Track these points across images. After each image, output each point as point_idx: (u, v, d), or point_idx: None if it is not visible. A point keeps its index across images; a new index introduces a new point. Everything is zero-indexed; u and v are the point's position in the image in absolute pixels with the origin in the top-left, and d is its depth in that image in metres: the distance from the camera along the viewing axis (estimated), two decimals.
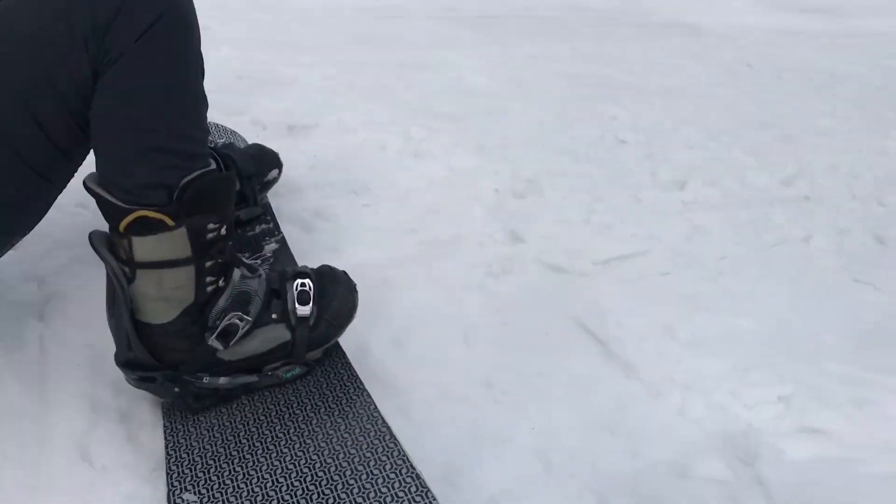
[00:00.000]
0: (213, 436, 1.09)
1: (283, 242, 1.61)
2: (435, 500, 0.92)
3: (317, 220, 1.81)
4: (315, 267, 1.25)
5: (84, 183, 1.04)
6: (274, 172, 1.79)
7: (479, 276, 1.64)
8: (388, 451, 1.02)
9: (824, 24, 6.16)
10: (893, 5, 7.67)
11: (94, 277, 1.42)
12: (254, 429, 1.10)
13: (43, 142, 1.01)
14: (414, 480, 0.96)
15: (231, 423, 1.11)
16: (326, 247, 1.69)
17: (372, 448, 1.03)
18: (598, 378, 1.36)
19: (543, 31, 4.66)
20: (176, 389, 1.10)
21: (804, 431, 1.21)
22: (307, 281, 1.18)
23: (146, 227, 1.02)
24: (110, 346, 1.11)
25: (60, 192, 1.13)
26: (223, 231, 1.08)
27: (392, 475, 0.97)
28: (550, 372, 1.35)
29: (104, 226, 1.07)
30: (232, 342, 1.10)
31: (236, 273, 1.12)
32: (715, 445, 1.18)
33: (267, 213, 1.72)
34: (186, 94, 1.04)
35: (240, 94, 2.61)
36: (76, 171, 1.13)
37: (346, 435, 1.06)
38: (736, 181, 2.24)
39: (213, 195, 1.06)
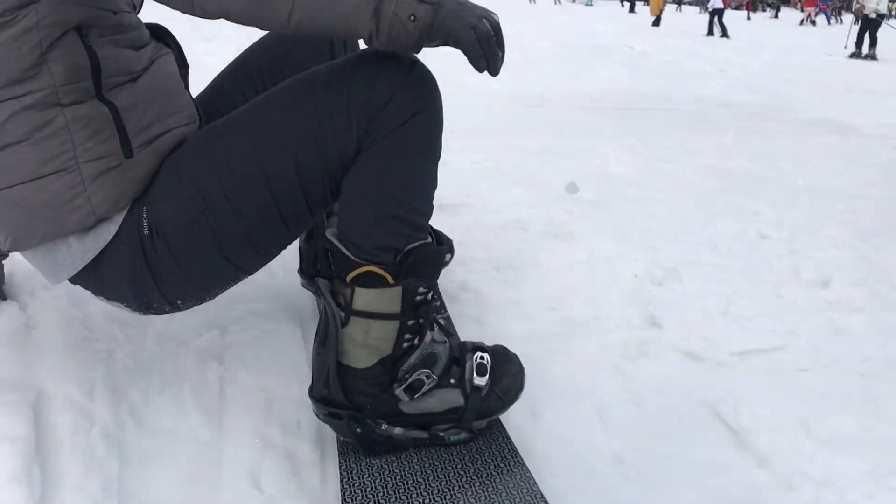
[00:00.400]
0: (384, 479, 1.21)
1: (448, 320, 1.73)
2: None
3: (462, 292, 1.93)
4: (490, 345, 1.37)
5: (324, 234, 1.22)
6: (448, 256, 1.94)
7: (614, 357, 1.69)
8: None
9: None
10: None
11: (269, 330, 1.59)
12: (421, 480, 1.21)
13: (300, 196, 1.19)
14: None
15: (400, 471, 1.23)
16: (470, 318, 1.80)
17: None
18: (730, 466, 1.37)
19: (687, 124, 4.71)
20: (358, 430, 1.23)
21: None
22: (485, 355, 1.31)
23: (369, 281, 1.18)
24: (281, 391, 1.24)
25: (291, 242, 1.30)
26: (429, 296, 1.23)
27: None
28: (683, 455, 1.38)
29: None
30: (416, 396, 1.24)
31: (428, 335, 1.25)
32: None
33: (437, 292, 1.85)
34: (427, 175, 1.22)
35: None
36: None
37: (504, 501, 1.16)
38: (884, 283, 2.20)
39: (428, 264, 1.22)
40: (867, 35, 14.49)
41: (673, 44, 12.28)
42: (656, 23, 20.12)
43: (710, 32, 18.37)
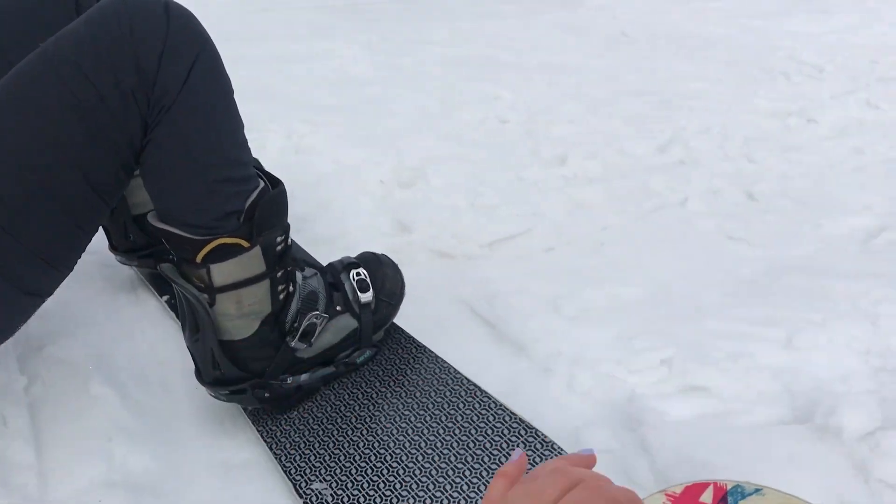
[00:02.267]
0: (311, 428, 1.18)
1: None
2: (524, 422, 1.11)
3: None
4: (355, 256, 1.33)
5: (151, 222, 1.09)
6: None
7: None
8: (469, 391, 1.19)
9: None
10: None
11: None
12: (347, 413, 1.20)
13: (89, 194, 1.01)
14: (503, 410, 1.14)
15: (324, 413, 1.21)
16: None
17: (454, 392, 1.19)
18: (491, 361, 1.38)
19: (422, 13, 4.66)
20: (266, 395, 1.17)
21: (685, 391, 1.26)
22: (361, 270, 1.28)
23: (223, 254, 1.07)
24: None
25: (89, 242, 1.11)
26: (288, 241, 1.15)
27: (483, 410, 1.15)
28: (446, 356, 1.36)
29: None
30: (313, 339, 1.19)
31: (298, 276, 1.17)
32: (602, 415, 1.22)
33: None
34: (232, 120, 1.08)
35: None
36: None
37: (428, 389, 1.21)
38: (615, 152, 2.30)
39: (276, 210, 1.11)
40: None
41: None
42: None
43: None
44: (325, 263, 1.33)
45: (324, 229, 1.80)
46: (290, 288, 1.16)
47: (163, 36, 0.98)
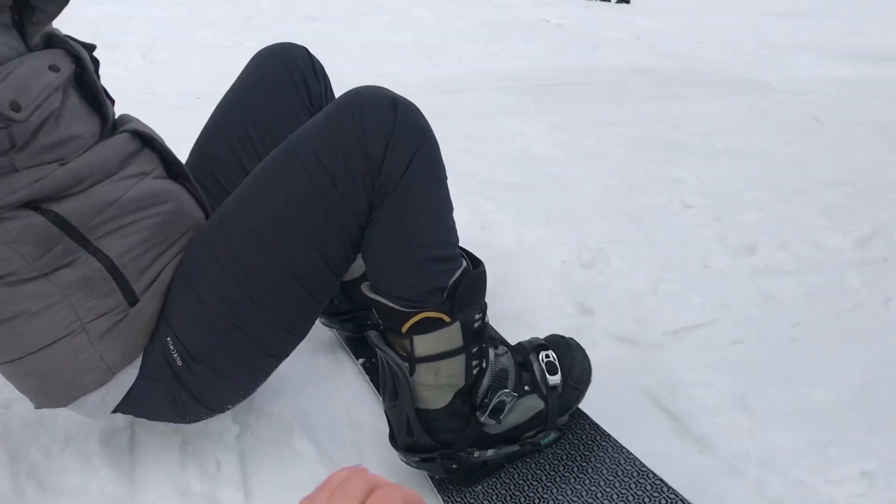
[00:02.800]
0: (493, 501, 1.22)
1: None
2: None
3: None
4: (542, 337, 1.36)
5: (364, 293, 1.19)
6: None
7: None
8: (655, 486, 1.18)
9: None
10: None
11: None
12: (529, 493, 1.22)
13: (324, 269, 1.14)
14: (666, 489, 1.15)
15: (504, 488, 1.24)
16: None
17: (638, 484, 1.18)
18: (672, 454, 1.34)
19: (606, 95, 4.70)
20: (454, 466, 1.22)
21: None
22: (550, 353, 1.30)
23: (426, 326, 1.15)
24: (196, 430, 1.16)
25: (321, 312, 1.25)
26: (485, 319, 1.21)
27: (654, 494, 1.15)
28: (629, 447, 1.34)
29: None
30: (502, 416, 1.22)
31: (491, 353, 1.23)
32: None
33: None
34: (444, 205, 1.18)
35: None
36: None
37: (611, 478, 1.21)
38: (807, 244, 2.21)
39: (476, 289, 1.19)
40: None
41: (586, 13, 12.33)
42: None
43: None
44: (509, 340, 1.36)
45: (506, 305, 1.83)
46: (483, 364, 1.21)
47: (389, 128, 1.09)
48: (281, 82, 1.41)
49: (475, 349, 1.19)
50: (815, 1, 11.53)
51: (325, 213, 1.10)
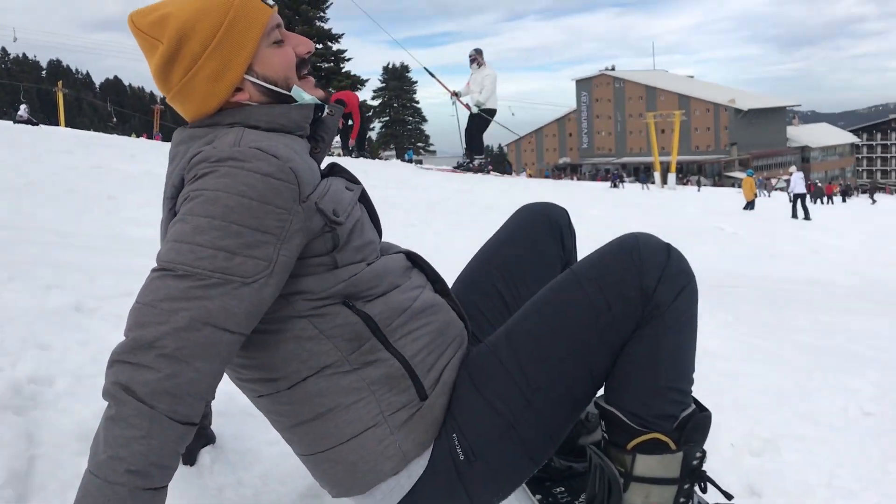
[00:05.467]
0: None
1: None
2: None
3: None
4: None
5: (599, 403, 1.34)
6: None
7: None
8: None
9: None
10: None
11: None
12: None
13: (589, 384, 1.32)
14: None
15: None
16: None
17: None
18: None
19: (781, 302, 4.68)
20: None
21: None
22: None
23: (651, 448, 1.27)
24: None
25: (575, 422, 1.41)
26: (703, 461, 1.32)
27: None
28: None
29: None
30: None
31: (697, 494, 1.34)
32: None
33: None
34: (691, 344, 1.35)
35: None
36: None
37: None
38: None
39: (703, 429, 1.32)
40: None
41: (762, 226, 12.31)
42: (749, 206, 20.22)
43: (794, 215, 18.43)
44: None
45: None
46: (689, 503, 1.29)
47: (662, 266, 1.27)
48: (545, 235, 1.63)
49: (687, 486, 1.28)
50: None
51: (599, 332, 1.27)
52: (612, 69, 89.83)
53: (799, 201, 18.86)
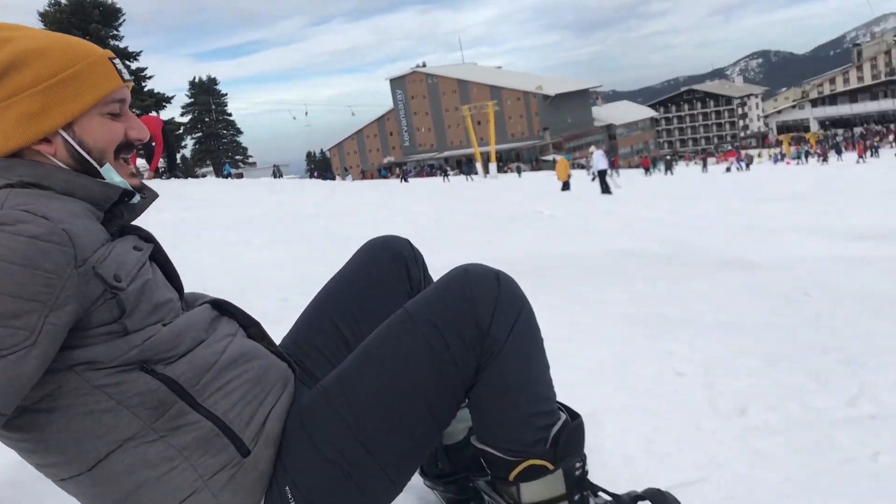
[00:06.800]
0: None
1: None
2: None
3: None
4: (640, 490, 1.42)
5: (474, 443, 1.33)
6: None
7: None
8: None
9: (882, 251, 6.27)
10: None
11: None
12: None
13: (432, 426, 1.28)
14: None
15: None
16: None
17: None
18: None
19: (599, 276, 4.87)
20: None
21: None
22: (647, 503, 1.37)
23: (531, 474, 1.27)
24: None
25: (420, 465, 1.39)
26: (585, 468, 1.32)
27: None
28: None
29: None
30: None
31: (591, 501, 1.32)
32: None
33: None
34: (542, 364, 1.33)
35: None
36: None
37: None
38: (798, 405, 2.25)
39: (576, 439, 1.32)
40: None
41: (578, 205, 12.89)
42: (566, 187, 21.15)
43: (606, 190, 19.60)
44: None
45: None
46: None
47: (494, 298, 1.26)
48: (387, 270, 1.57)
49: (577, 497, 1.28)
50: (798, 187, 12.12)
51: (438, 372, 1.24)
52: (424, 66, 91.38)
53: (603, 176, 20.12)
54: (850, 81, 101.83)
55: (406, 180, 32.24)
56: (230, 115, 70.89)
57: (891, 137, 64.44)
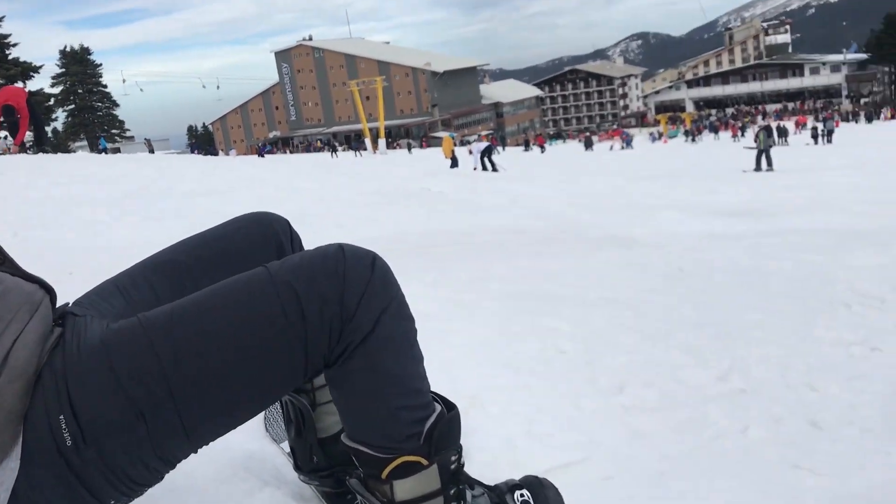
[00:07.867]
0: None
1: None
2: None
3: None
4: (517, 479, 1.38)
5: (343, 441, 1.25)
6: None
7: None
8: None
9: (750, 226, 6.56)
10: (810, 204, 8.23)
11: None
12: None
13: (255, 394, 1.16)
14: None
15: None
16: None
17: None
18: None
19: (484, 254, 4.88)
20: None
21: None
22: (525, 492, 1.34)
23: (405, 471, 1.21)
24: None
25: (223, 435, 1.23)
26: (461, 461, 1.28)
27: None
28: None
29: None
30: None
31: (468, 494, 1.27)
32: None
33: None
34: (414, 356, 1.23)
35: None
36: None
37: None
38: (673, 381, 2.30)
39: (451, 432, 1.26)
40: None
41: (466, 182, 12.95)
42: (454, 164, 21.29)
43: (487, 168, 20.23)
44: None
45: None
46: None
47: (366, 281, 1.16)
48: (255, 243, 1.45)
49: (453, 491, 1.24)
50: (672, 166, 12.58)
51: (284, 342, 1.11)
52: (310, 39, 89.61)
53: (486, 156, 20.88)
54: (722, 64, 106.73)
55: (262, 156, 30.74)
56: (105, 86, 67.62)
57: (759, 118, 67.97)
